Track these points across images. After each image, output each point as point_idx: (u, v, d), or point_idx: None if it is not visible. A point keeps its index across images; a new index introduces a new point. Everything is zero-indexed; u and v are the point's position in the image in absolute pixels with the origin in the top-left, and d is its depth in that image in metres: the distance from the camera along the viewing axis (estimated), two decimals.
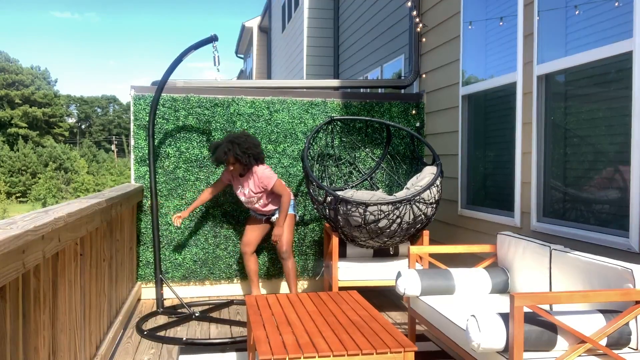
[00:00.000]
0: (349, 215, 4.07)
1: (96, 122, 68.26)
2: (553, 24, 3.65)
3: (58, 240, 2.31)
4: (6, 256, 1.69)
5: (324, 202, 4.27)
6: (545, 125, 3.78)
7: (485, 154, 4.60)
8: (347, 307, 3.20)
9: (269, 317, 3.00)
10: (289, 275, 4.76)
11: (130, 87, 5.08)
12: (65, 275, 2.53)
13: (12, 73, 56.72)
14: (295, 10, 11.84)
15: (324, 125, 5.04)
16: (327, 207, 4.26)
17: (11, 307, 1.82)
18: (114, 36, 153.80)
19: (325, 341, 2.62)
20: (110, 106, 71.18)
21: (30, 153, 45.21)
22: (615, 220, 3.16)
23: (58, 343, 2.41)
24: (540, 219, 3.80)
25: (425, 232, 4.42)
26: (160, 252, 4.86)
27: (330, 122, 4.89)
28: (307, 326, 2.85)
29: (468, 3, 4.72)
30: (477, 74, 4.60)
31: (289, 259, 4.72)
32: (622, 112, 3.08)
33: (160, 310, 4.58)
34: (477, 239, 4.60)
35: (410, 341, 2.70)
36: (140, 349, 3.77)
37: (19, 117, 54.22)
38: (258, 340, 2.62)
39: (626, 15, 3.02)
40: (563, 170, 3.65)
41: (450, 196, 5.06)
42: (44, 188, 39.84)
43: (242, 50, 22.27)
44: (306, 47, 10.69)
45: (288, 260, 4.72)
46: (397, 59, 6.96)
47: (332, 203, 4.19)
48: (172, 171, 5.08)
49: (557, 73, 3.66)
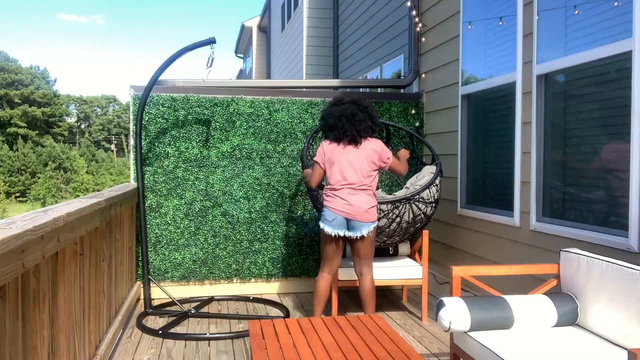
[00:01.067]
0: None
1: (96, 122, 68.21)
2: (552, 23, 3.65)
3: (57, 240, 2.31)
4: (6, 256, 1.69)
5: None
6: (544, 124, 3.78)
7: (484, 154, 4.60)
8: (372, 339, 2.67)
9: (275, 352, 2.49)
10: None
11: (130, 87, 5.08)
12: (65, 275, 2.53)
13: (12, 73, 56.68)
14: (295, 9, 11.84)
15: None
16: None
17: (11, 306, 1.82)
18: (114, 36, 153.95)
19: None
20: (110, 106, 71.14)
21: (29, 153, 45.18)
22: (615, 220, 3.16)
23: (57, 343, 2.41)
24: (539, 219, 3.80)
25: (425, 231, 4.42)
26: (148, 252, 4.86)
27: None
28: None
29: (467, 3, 4.72)
30: (477, 74, 4.60)
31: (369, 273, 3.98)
32: (622, 112, 3.08)
33: (149, 311, 4.58)
34: (477, 238, 4.60)
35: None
36: (140, 349, 3.77)
37: (19, 117, 54.18)
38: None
39: (625, 15, 3.02)
40: (562, 169, 3.65)
41: (450, 196, 5.07)
42: (44, 188, 39.84)
43: (241, 50, 22.27)
44: (306, 47, 10.69)
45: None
46: (397, 59, 6.95)
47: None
48: (172, 171, 5.08)
49: (556, 73, 3.66)
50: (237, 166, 5.18)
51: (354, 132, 3.77)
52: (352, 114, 3.77)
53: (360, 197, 3.76)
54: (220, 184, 5.15)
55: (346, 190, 3.75)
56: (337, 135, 3.80)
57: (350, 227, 3.78)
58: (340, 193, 3.76)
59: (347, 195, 3.75)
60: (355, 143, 3.80)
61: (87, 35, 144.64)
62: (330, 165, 3.81)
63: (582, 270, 2.86)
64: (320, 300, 3.90)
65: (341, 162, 3.77)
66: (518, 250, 4.03)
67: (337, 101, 3.89)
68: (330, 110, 3.85)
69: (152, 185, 5.04)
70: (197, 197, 5.10)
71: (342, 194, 3.75)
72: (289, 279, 5.32)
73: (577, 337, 2.73)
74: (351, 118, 3.77)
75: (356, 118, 3.77)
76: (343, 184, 3.76)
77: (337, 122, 3.78)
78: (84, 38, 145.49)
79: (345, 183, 3.76)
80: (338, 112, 3.79)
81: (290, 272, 5.30)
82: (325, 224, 3.79)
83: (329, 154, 3.82)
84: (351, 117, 3.77)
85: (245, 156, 5.19)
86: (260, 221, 5.22)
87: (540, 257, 3.77)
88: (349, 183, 3.75)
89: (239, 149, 5.19)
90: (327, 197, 3.82)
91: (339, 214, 3.74)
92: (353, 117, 3.77)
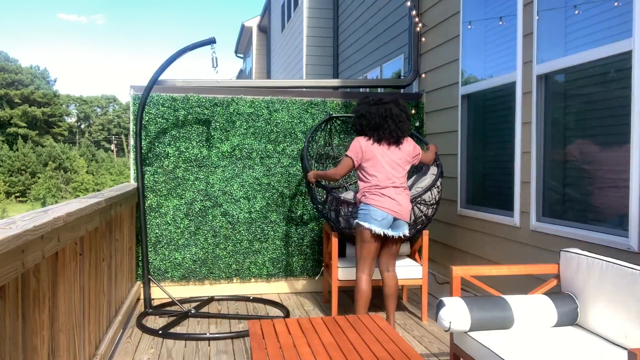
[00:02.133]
0: (350, 217, 4.06)
1: (96, 122, 68.23)
2: (552, 23, 3.65)
3: (57, 240, 2.31)
4: (5, 256, 1.69)
5: (325, 202, 4.26)
6: (544, 124, 3.78)
7: (484, 154, 4.60)
8: (371, 339, 2.67)
9: (275, 352, 2.49)
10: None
11: (130, 87, 5.08)
12: (65, 275, 2.53)
13: (12, 72, 56.69)
14: (295, 9, 11.84)
15: (323, 123, 5.04)
16: (329, 208, 4.25)
17: (10, 306, 1.82)
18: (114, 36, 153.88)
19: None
20: (110, 106, 71.15)
21: (29, 153, 45.19)
22: (615, 219, 3.16)
23: (57, 343, 2.41)
24: (539, 219, 3.80)
25: (425, 231, 4.41)
26: (148, 252, 4.86)
27: (329, 119, 4.89)
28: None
29: (467, 3, 4.72)
30: (477, 74, 4.60)
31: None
32: (622, 112, 3.08)
33: (149, 311, 4.58)
34: (477, 238, 4.60)
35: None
36: (140, 349, 3.77)
37: (19, 117, 54.19)
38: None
39: (625, 15, 3.02)
40: (562, 169, 3.65)
41: (450, 196, 5.07)
42: (44, 188, 39.86)
43: (241, 50, 22.28)
44: (305, 47, 10.69)
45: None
46: (397, 59, 6.95)
47: (334, 204, 4.18)
48: (172, 171, 5.08)
49: (556, 72, 3.66)
50: (237, 166, 5.18)
51: (398, 133, 3.79)
52: (397, 115, 3.79)
53: (404, 197, 3.80)
54: (220, 184, 5.15)
55: (392, 189, 3.76)
56: (381, 135, 3.79)
57: (394, 226, 3.79)
58: (387, 192, 3.75)
59: (395, 195, 3.76)
60: (398, 144, 3.82)
61: (87, 35, 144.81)
62: (372, 164, 3.78)
63: (582, 270, 2.85)
64: (366, 303, 3.85)
65: (385, 161, 3.77)
66: (518, 250, 4.03)
67: (377, 100, 3.85)
68: (373, 110, 3.81)
69: (152, 185, 5.04)
70: (197, 197, 5.10)
71: (390, 193, 3.75)
72: (289, 279, 5.32)
73: (577, 337, 2.72)
74: (397, 119, 3.79)
75: (400, 119, 3.80)
76: (388, 184, 3.76)
77: (384, 123, 3.77)
78: (84, 38, 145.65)
79: (390, 182, 3.76)
80: (384, 112, 3.78)
81: (290, 272, 5.30)
82: (373, 223, 3.73)
83: (369, 153, 3.78)
84: (397, 118, 3.79)
85: (245, 156, 5.19)
86: (260, 221, 5.22)
87: (540, 257, 3.77)
88: (393, 182, 3.77)
89: (239, 149, 5.19)
90: (372, 195, 3.75)
91: (390, 213, 3.73)
92: (397, 117, 3.79)
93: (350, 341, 2.64)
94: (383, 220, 3.73)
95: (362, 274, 3.86)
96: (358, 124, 3.88)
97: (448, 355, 3.63)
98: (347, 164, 3.83)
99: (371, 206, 3.74)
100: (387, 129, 3.77)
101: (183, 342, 3.91)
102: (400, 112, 3.81)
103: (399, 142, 3.81)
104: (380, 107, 3.81)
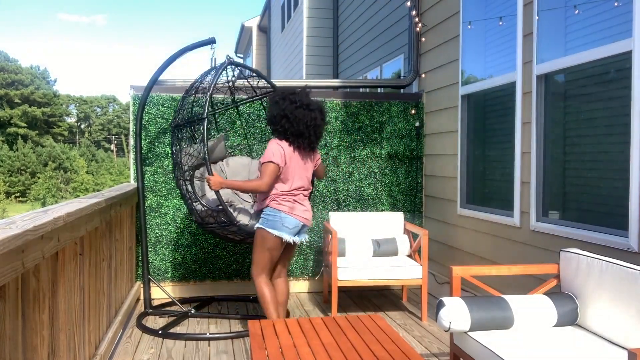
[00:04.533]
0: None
1: (96, 122, 68.20)
2: (552, 23, 3.65)
3: (57, 240, 2.31)
4: (5, 256, 1.69)
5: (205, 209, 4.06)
6: (544, 124, 3.78)
7: (484, 154, 4.60)
8: (371, 339, 2.68)
9: (275, 352, 2.49)
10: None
11: (130, 87, 5.08)
12: (65, 275, 2.53)
13: (12, 73, 56.69)
14: (295, 9, 11.84)
15: (221, 67, 4.14)
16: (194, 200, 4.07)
17: (11, 306, 1.82)
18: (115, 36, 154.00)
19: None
20: (110, 106, 71.12)
21: (29, 153, 45.20)
22: (615, 219, 3.16)
23: (57, 342, 2.41)
24: (539, 219, 3.80)
25: (425, 231, 4.41)
26: (148, 252, 4.86)
27: (228, 64, 4.18)
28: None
29: (467, 3, 4.72)
30: (477, 74, 4.60)
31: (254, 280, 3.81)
32: (622, 112, 3.09)
33: (149, 311, 4.58)
34: (477, 238, 4.60)
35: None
36: (140, 349, 3.77)
37: (19, 117, 54.19)
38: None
39: (625, 15, 3.02)
40: (562, 169, 3.65)
41: (450, 196, 5.07)
42: (44, 188, 39.87)
43: (241, 50, 22.27)
44: (305, 47, 10.69)
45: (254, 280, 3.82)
46: (397, 59, 6.95)
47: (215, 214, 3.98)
48: (172, 171, 5.08)
49: (556, 73, 3.66)
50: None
51: (315, 142, 3.73)
52: (319, 126, 3.68)
53: (309, 203, 3.80)
54: None
55: (302, 196, 3.73)
56: (301, 143, 3.64)
57: (300, 232, 3.76)
58: (299, 199, 3.70)
59: (304, 201, 3.73)
60: (312, 151, 3.79)
61: (87, 36, 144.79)
62: (288, 170, 3.63)
63: (582, 270, 2.85)
64: (276, 306, 3.72)
65: (299, 167, 3.68)
66: (518, 250, 4.03)
67: (304, 104, 3.62)
68: (299, 114, 3.59)
69: (152, 185, 5.04)
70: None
71: (300, 199, 3.71)
72: (288, 279, 5.32)
73: (577, 337, 2.72)
74: (318, 130, 3.68)
75: (320, 130, 3.70)
76: (300, 190, 3.71)
77: (306, 131, 3.61)
78: (84, 38, 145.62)
79: (302, 190, 3.72)
80: (308, 121, 3.60)
81: (290, 272, 5.30)
82: (284, 231, 3.60)
83: (288, 159, 3.63)
84: (318, 129, 3.68)
85: (246, 156, 5.19)
86: None
87: (540, 257, 3.77)
88: (303, 188, 3.72)
89: (239, 149, 5.19)
90: (285, 202, 3.63)
91: (302, 220, 3.69)
92: (319, 128, 3.69)
93: (350, 341, 2.64)
94: (294, 228, 3.66)
95: (265, 277, 3.73)
96: (279, 125, 3.63)
97: (448, 355, 3.63)
98: (273, 170, 3.56)
99: (283, 213, 3.61)
100: (308, 139, 3.64)
101: (183, 342, 3.91)
102: (322, 122, 3.69)
103: (313, 150, 3.78)
104: (306, 113, 3.60)
